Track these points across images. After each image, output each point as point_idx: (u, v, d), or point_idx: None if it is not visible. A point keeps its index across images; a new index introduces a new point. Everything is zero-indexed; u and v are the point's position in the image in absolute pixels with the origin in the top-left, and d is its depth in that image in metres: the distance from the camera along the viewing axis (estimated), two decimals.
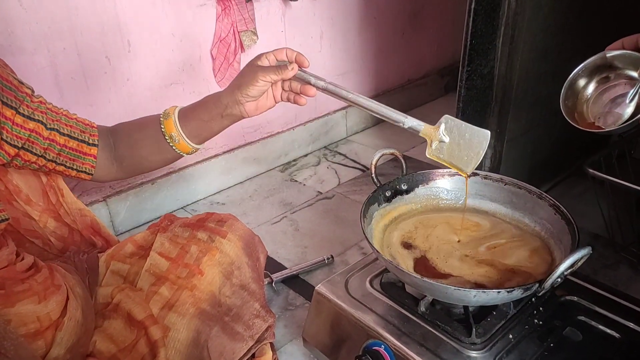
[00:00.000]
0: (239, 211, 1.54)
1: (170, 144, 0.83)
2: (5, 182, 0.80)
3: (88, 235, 0.92)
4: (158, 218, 1.43)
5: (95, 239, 0.93)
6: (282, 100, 0.84)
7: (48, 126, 0.74)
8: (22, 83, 0.73)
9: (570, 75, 0.79)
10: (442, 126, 0.78)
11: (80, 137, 0.79)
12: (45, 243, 0.86)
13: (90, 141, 0.80)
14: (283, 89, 0.83)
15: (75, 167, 0.80)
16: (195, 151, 0.86)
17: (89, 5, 1.21)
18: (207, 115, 0.82)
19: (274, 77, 0.77)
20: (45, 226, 0.86)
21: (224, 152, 1.65)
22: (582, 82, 0.79)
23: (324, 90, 0.80)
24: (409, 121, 0.78)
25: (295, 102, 0.83)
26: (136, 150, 0.84)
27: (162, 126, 0.82)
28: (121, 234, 1.44)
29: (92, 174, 0.82)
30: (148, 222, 1.49)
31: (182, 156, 0.86)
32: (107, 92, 1.31)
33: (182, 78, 1.45)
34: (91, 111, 1.30)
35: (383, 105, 0.79)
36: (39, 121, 0.73)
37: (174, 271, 0.81)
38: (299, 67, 0.80)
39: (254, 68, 0.78)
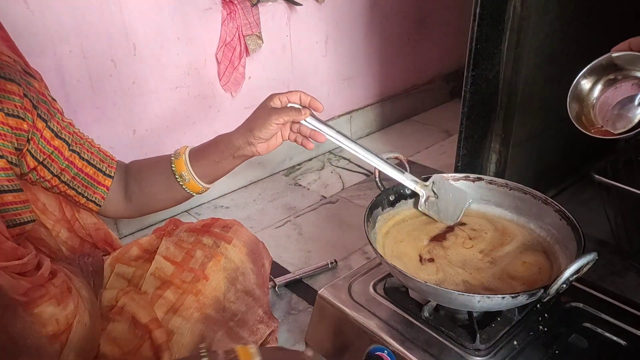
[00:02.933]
0: (243, 215, 1.54)
1: (181, 183, 0.83)
2: (25, 189, 0.80)
3: (103, 247, 0.92)
4: (162, 221, 1.44)
5: (107, 249, 0.93)
6: (289, 140, 0.86)
7: (71, 147, 0.75)
8: (54, 100, 0.74)
9: (576, 78, 0.77)
10: (432, 184, 0.88)
11: (98, 166, 0.79)
12: (52, 252, 0.86)
13: (107, 172, 0.81)
14: (291, 130, 0.84)
15: (86, 194, 0.79)
16: (205, 191, 0.86)
17: (95, 9, 1.22)
18: (218, 156, 0.82)
19: (286, 120, 0.79)
20: (58, 236, 0.86)
21: None
22: (587, 84, 0.77)
23: (333, 138, 0.83)
24: (407, 177, 0.88)
25: (302, 145, 0.85)
26: (146, 187, 0.84)
27: (172, 165, 0.82)
28: (125, 237, 1.45)
29: (100, 205, 0.82)
30: (152, 226, 1.49)
31: (191, 196, 0.86)
32: (113, 95, 1.32)
33: (187, 81, 1.46)
34: (97, 114, 1.30)
35: (388, 162, 0.86)
36: (64, 140, 0.73)
37: (179, 275, 0.81)
38: (311, 111, 0.82)
39: (267, 110, 0.79)
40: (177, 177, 0.82)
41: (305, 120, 0.81)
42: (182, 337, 0.76)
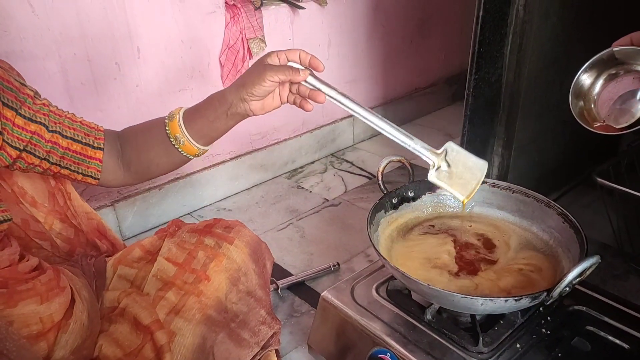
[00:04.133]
0: (245, 217, 1.54)
1: (176, 146, 0.80)
2: (11, 184, 0.80)
3: (92, 239, 0.92)
4: (165, 223, 1.44)
5: (100, 242, 0.93)
6: (288, 102, 0.81)
7: (50, 128, 0.73)
8: (24, 85, 0.72)
9: (577, 73, 0.77)
10: (445, 152, 0.79)
11: (84, 140, 0.77)
12: (52, 246, 0.86)
13: (95, 144, 0.78)
14: (290, 91, 0.80)
15: (80, 170, 0.78)
16: (202, 153, 0.83)
17: (99, 12, 1.22)
18: (212, 115, 0.79)
19: (282, 78, 0.74)
20: (51, 228, 0.86)
21: (231, 159, 1.66)
22: (589, 80, 0.77)
23: (333, 99, 0.78)
24: (415, 143, 0.79)
25: (301, 107, 0.80)
26: (143, 153, 0.82)
27: (166, 128, 0.80)
28: (128, 238, 1.45)
29: (98, 178, 0.80)
30: (155, 227, 1.49)
31: (189, 159, 0.83)
32: (117, 98, 1.33)
33: (191, 84, 1.46)
34: (101, 117, 1.31)
35: (393, 124, 0.80)
36: (40, 123, 0.71)
37: (181, 276, 0.81)
38: (311, 71, 0.77)
39: (262, 67, 0.75)
40: (171, 139, 0.79)
41: (305, 80, 0.76)
42: (184, 338, 0.76)
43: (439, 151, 0.80)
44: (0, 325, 0.62)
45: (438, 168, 0.79)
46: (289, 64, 0.77)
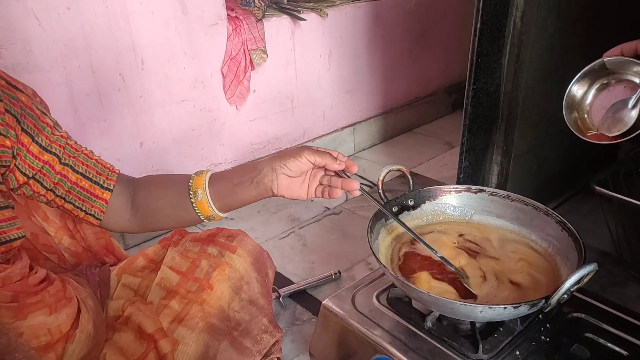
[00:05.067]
0: (247, 226, 1.55)
1: (192, 200, 0.78)
2: (25, 198, 0.81)
3: (101, 257, 0.93)
4: (168, 232, 1.45)
5: (107, 259, 0.94)
6: (315, 195, 0.80)
7: (62, 161, 0.72)
8: (45, 114, 0.72)
9: (570, 84, 0.79)
10: None
11: (94, 179, 0.76)
12: (60, 259, 0.87)
13: (105, 185, 0.77)
14: (321, 183, 0.79)
15: (84, 208, 0.76)
16: (213, 219, 0.80)
17: (104, 24, 1.24)
18: (237, 179, 0.78)
19: (318, 160, 0.74)
20: (60, 242, 0.87)
21: (233, 168, 1.67)
22: (581, 90, 0.79)
23: (365, 192, 0.78)
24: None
25: (329, 195, 0.79)
26: (153, 201, 0.80)
27: (190, 181, 0.79)
28: (132, 247, 1.46)
29: (100, 219, 0.78)
30: (158, 237, 1.50)
31: (199, 219, 0.80)
32: (121, 109, 1.34)
33: (193, 95, 1.48)
34: (104, 127, 1.33)
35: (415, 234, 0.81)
36: (54, 154, 0.71)
37: (184, 285, 0.82)
38: (345, 171, 0.77)
39: (302, 146, 0.76)
40: (190, 192, 0.78)
41: (343, 171, 0.76)
42: (187, 346, 0.77)
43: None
44: (10, 336, 0.62)
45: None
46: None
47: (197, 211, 0.78)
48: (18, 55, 1.14)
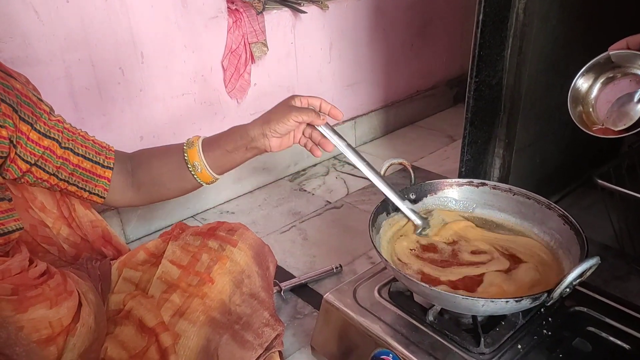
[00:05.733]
0: (248, 220, 1.55)
1: (192, 173, 0.83)
2: (22, 189, 0.81)
3: (98, 247, 0.93)
4: (169, 226, 1.45)
5: (105, 250, 0.93)
6: (299, 144, 0.86)
7: (62, 145, 0.74)
8: (41, 100, 0.73)
9: (575, 77, 0.78)
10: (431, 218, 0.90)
11: (94, 159, 0.79)
12: (59, 251, 0.87)
13: (105, 164, 0.80)
14: (303, 134, 0.85)
15: (88, 188, 0.79)
16: (215, 181, 0.86)
17: (104, 18, 1.24)
18: (231, 146, 0.82)
19: (304, 119, 0.79)
20: (59, 233, 0.87)
21: None
22: (586, 83, 0.78)
23: (340, 150, 0.83)
24: (405, 208, 0.88)
25: (310, 151, 0.86)
26: (156, 176, 0.84)
27: (185, 154, 0.83)
28: (132, 242, 1.46)
29: (104, 197, 0.82)
30: (159, 231, 1.50)
31: (201, 186, 0.87)
32: (121, 103, 1.34)
33: (194, 89, 1.48)
34: (105, 121, 1.32)
35: (391, 187, 0.86)
36: (54, 139, 0.73)
37: (185, 279, 0.82)
38: (331, 118, 0.83)
39: (287, 107, 0.80)
40: (189, 166, 0.82)
41: (321, 126, 0.82)
42: (188, 340, 0.77)
43: (425, 216, 0.90)
44: (10, 330, 0.62)
45: (422, 229, 0.88)
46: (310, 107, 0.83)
47: (199, 180, 0.85)
48: (17, 49, 1.13)
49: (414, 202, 0.93)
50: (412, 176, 0.92)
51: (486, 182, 0.92)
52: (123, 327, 0.79)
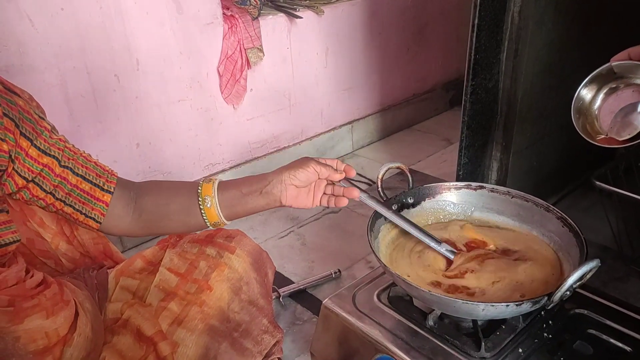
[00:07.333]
0: (246, 226, 1.55)
1: (201, 207, 0.79)
2: (20, 204, 0.81)
3: (99, 261, 0.92)
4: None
5: (106, 263, 0.93)
6: (320, 204, 0.85)
7: (62, 163, 0.72)
8: (43, 118, 0.72)
9: (578, 89, 0.79)
10: None
11: (94, 181, 0.76)
12: (56, 263, 0.86)
13: (105, 187, 0.76)
14: (324, 193, 0.84)
15: (84, 211, 0.76)
16: (220, 225, 0.82)
17: (98, 25, 1.23)
18: (247, 188, 0.80)
19: (324, 171, 0.79)
20: (57, 248, 0.86)
21: (231, 167, 1.66)
22: (589, 94, 0.79)
23: (365, 198, 0.84)
24: (442, 247, 0.84)
25: (335, 205, 0.85)
26: (162, 205, 0.81)
27: (199, 188, 0.80)
28: (129, 249, 1.45)
29: (100, 222, 0.77)
30: (156, 238, 1.50)
31: (205, 225, 0.82)
32: (116, 110, 1.33)
33: (190, 95, 1.47)
34: (100, 128, 1.32)
35: (419, 227, 0.84)
36: (53, 156, 0.71)
37: (183, 287, 0.82)
38: (345, 176, 0.83)
39: (308, 158, 0.80)
40: (199, 199, 0.79)
41: (340, 182, 0.83)
42: (187, 348, 0.76)
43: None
44: (7, 341, 0.62)
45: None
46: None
47: (204, 217, 0.79)
48: (12, 57, 1.13)
49: (412, 206, 0.93)
50: (410, 180, 0.92)
51: (484, 185, 0.92)
52: (121, 336, 0.78)
